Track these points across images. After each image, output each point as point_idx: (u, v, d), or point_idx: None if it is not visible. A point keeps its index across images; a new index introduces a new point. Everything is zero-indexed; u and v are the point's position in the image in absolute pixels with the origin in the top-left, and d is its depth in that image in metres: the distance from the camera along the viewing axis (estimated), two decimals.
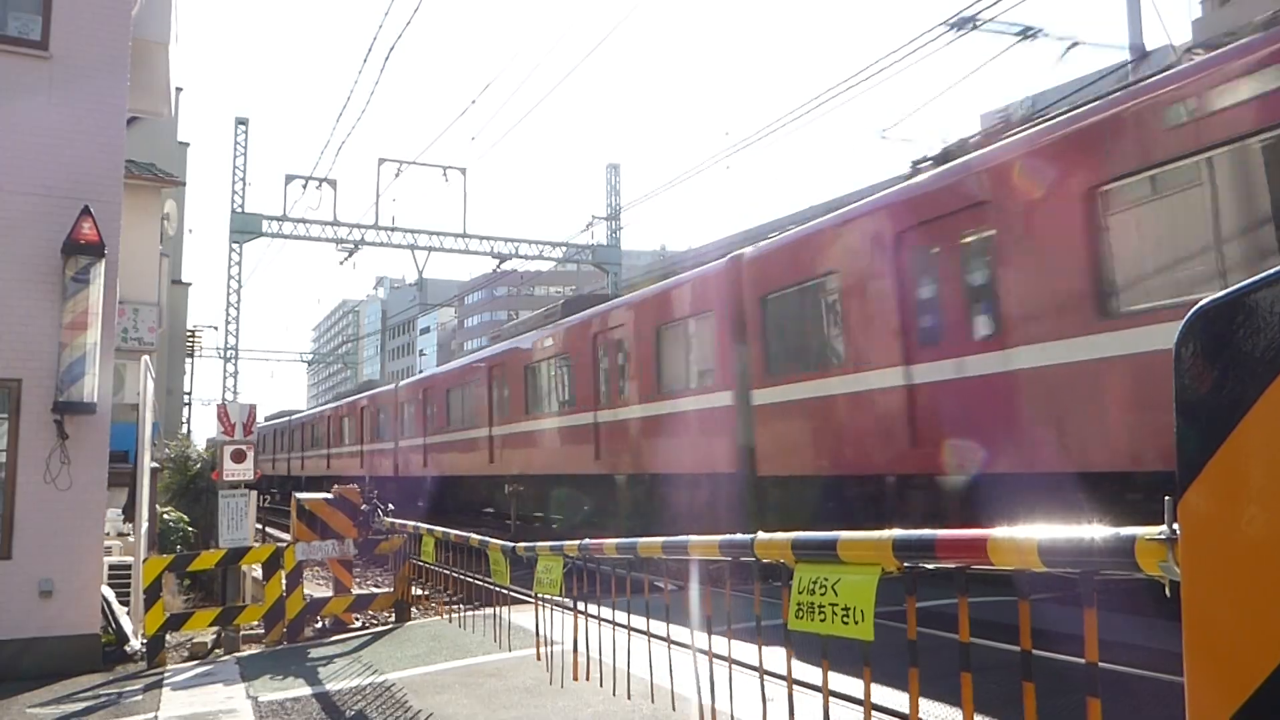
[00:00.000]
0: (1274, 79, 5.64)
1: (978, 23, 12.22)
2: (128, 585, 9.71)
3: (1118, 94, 6.96)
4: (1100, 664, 2.21)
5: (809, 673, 3.83)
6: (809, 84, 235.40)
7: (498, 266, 36.27)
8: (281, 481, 39.79)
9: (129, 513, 11.86)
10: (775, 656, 3.67)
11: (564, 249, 36.90)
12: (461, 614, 8.54)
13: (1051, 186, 7.14)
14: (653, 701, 5.04)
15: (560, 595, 5.69)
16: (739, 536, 3.74)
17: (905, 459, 8.56)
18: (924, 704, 3.30)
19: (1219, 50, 6.23)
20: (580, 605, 5.60)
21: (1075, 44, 14.15)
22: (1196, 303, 1.58)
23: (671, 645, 4.75)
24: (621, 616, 5.13)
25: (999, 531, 2.45)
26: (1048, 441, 7.11)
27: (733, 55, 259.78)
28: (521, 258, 36.11)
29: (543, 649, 6.18)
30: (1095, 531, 2.13)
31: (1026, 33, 13.46)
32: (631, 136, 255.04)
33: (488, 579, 7.31)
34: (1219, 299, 1.53)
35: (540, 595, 5.90)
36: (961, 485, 7.99)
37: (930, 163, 9.06)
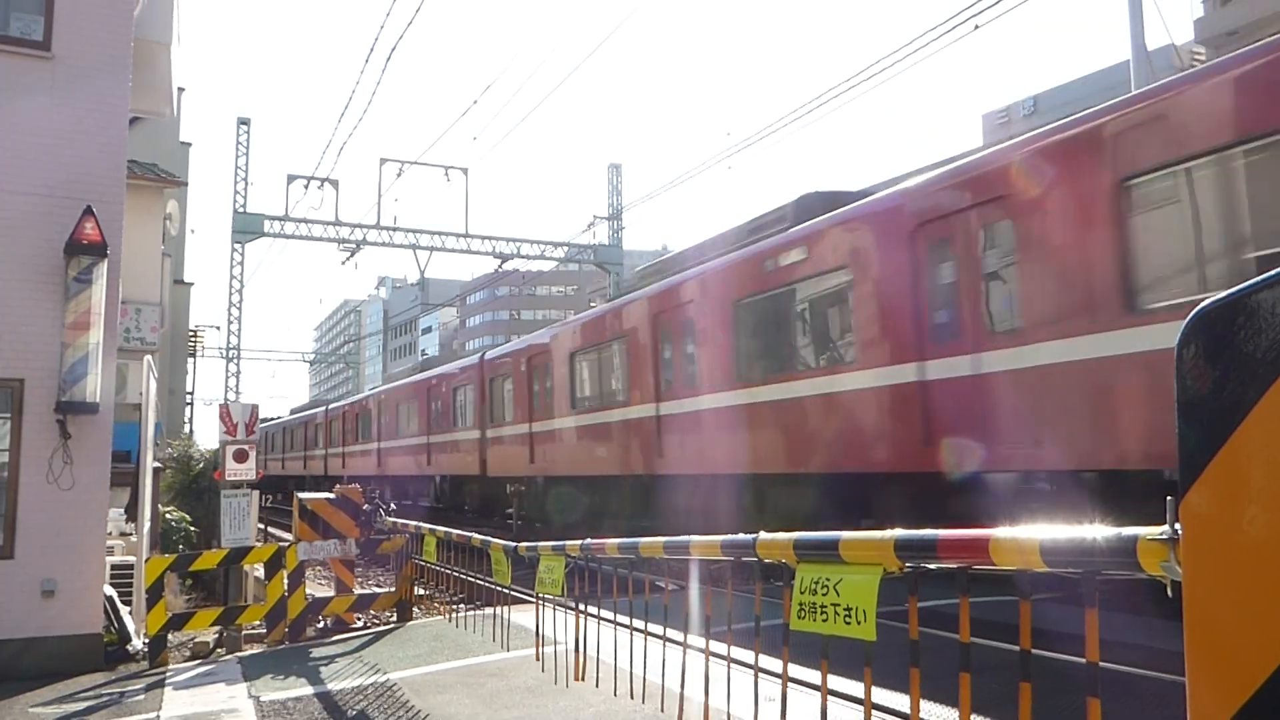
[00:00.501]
0: None
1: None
2: (130, 585, 9.72)
3: None
4: (1101, 664, 2.21)
5: (812, 674, 3.83)
6: (810, 83, 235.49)
7: (499, 266, 36.31)
8: (315, 483, 31.81)
9: (131, 512, 11.88)
10: (775, 657, 3.67)
11: (566, 249, 36.92)
12: (463, 614, 8.54)
13: None
14: (644, 701, 5.04)
15: (562, 595, 5.69)
16: (741, 536, 3.74)
17: None
18: (924, 704, 3.31)
19: None
20: (581, 605, 5.60)
21: None
22: None
23: (671, 645, 4.75)
24: (623, 617, 5.13)
25: (1000, 531, 2.45)
26: None
27: (733, 55, 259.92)
28: (523, 258, 36.16)
29: (544, 649, 6.18)
30: (1097, 531, 2.13)
31: None
32: (633, 137, 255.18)
33: (489, 579, 7.31)
34: (1220, 300, 1.53)
35: (541, 595, 5.91)
36: None
37: None
